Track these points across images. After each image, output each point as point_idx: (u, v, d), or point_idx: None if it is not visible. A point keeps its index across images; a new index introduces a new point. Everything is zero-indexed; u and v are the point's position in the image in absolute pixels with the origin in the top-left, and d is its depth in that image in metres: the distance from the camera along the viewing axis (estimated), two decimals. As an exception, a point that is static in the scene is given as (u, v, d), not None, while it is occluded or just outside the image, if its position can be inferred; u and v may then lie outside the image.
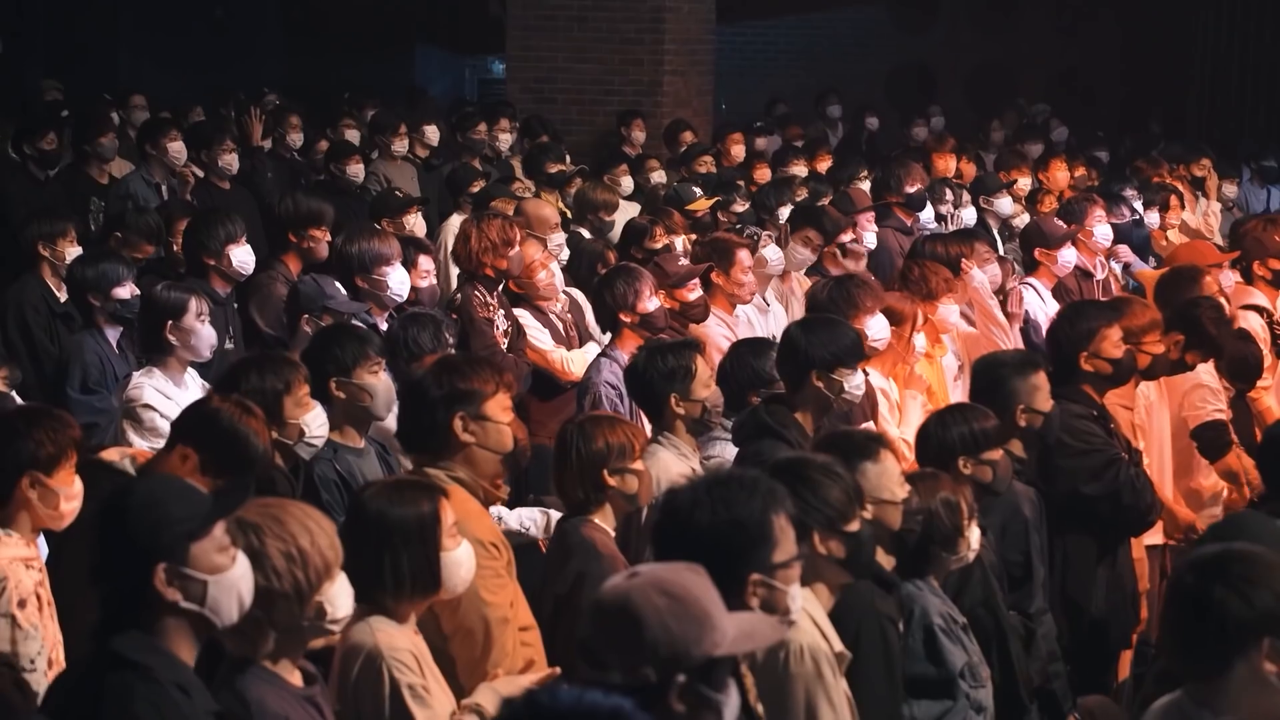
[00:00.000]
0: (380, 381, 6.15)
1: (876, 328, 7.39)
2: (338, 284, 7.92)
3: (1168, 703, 3.80)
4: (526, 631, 5.22)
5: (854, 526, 4.63)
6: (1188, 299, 8.00)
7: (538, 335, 8.53)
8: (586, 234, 10.30)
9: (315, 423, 5.69)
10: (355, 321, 7.39)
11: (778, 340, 6.77)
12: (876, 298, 7.50)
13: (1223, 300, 8.47)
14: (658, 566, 3.51)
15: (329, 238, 8.68)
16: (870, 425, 7.10)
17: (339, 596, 4.11)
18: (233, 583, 3.86)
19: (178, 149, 11.25)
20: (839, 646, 4.59)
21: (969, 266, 8.85)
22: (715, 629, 3.36)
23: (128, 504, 3.88)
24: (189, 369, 6.94)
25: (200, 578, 3.82)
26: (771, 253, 9.28)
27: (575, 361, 8.34)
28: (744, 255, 8.68)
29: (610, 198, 10.96)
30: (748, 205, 10.89)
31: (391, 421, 6.04)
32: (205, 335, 7.02)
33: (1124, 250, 11.06)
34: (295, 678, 4.08)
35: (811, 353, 6.32)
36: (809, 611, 4.52)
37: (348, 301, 7.69)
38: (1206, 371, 7.97)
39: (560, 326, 8.63)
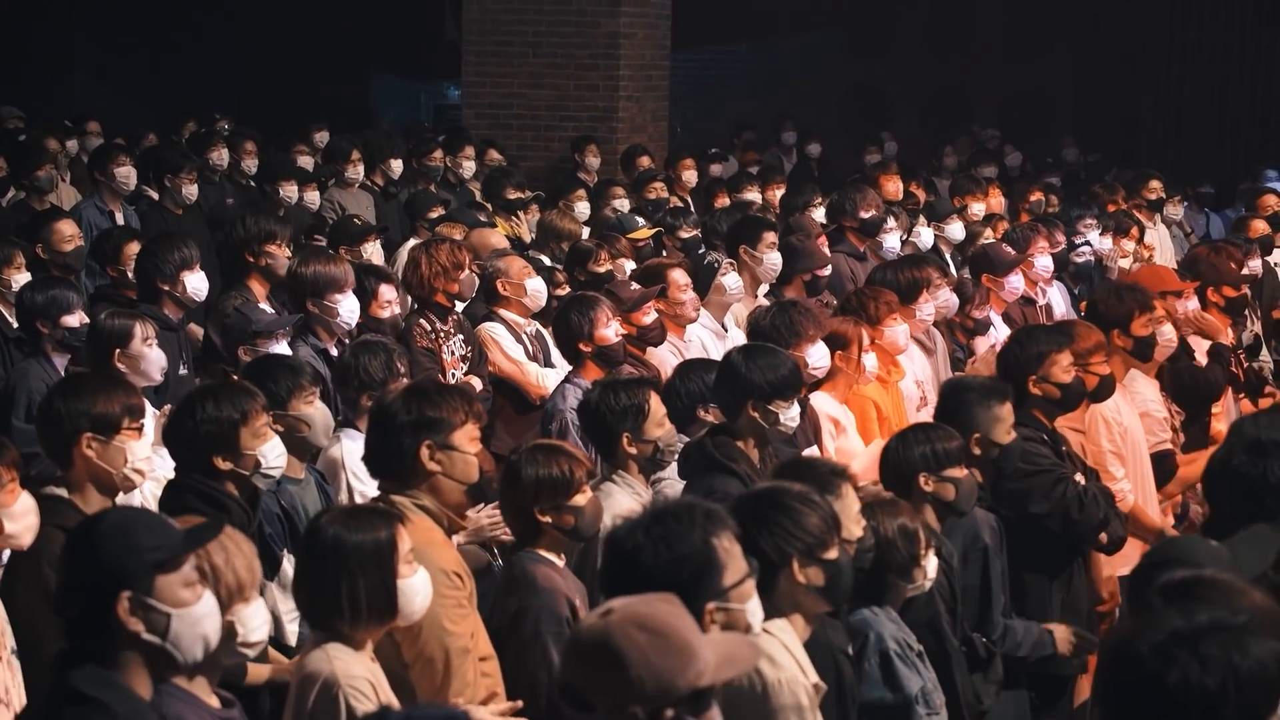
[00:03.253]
0: (316, 410, 6.15)
1: (817, 356, 7.40)
2: (263, 305, 7.89)
3: None
4: (486, 662, 5.18)
5: (832, 554, 4.62)
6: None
7: (511, 347, 8.53)
8: (547, 260, 10.32)
9: (272, 453, 5.63)
10: (285, 349, 7.40)
11: None
12: (818, 325, 7.50)
13: (1168, 325, 8.50)
14: (632, 601, 3.46)
15: (287, 252, 8.69)
16: (814, 451, 7.13)
17: (252, 619, 4.10)
18: (197, 619, 3.82)
19: (125, 174, 11.27)
20: (814, 678, 4.57)
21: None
22: (697, 659, 3.35)
23: (96, 531, 3.86)
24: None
25: (164, 610, 3.79)
26: (731, 281, 9.29)
27: (548, 377, 8.35)
28: (677, 275, 8.70)
29: (576, 228, 10.97)
30: (695, 232, 10.90)
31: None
32: (154, 359, 7.04)
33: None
34: (213, 700, 4.02)
35: (751, 379, 6.28)
36: (786, 643, 4.53)
37: (273, 319, 7.66)
38: (1153, 400, 8.03)
39: (530, 350, 8.64)
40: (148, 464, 5.52)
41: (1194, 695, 3.15)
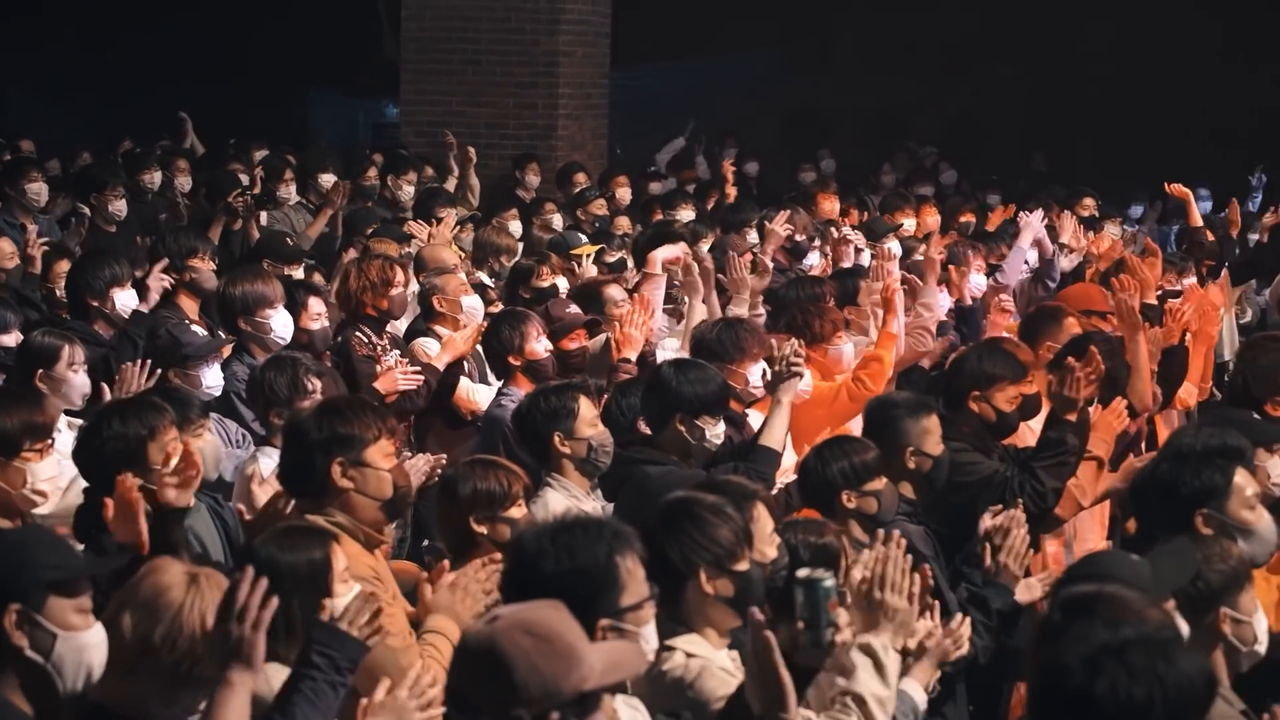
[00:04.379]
0: (206, 443, 6.11)
1: (758, 374, 7.39)
2: (195, 328, 7.87)
3: None
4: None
5: (743, 566, 4.60)
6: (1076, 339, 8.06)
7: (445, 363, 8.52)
8: (485, 278, 10.30)
9: (182, 468, 5.62)
10: (216, 372, 7.36)
11: None
12: (763, 344, 7.50)
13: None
14: (519, 607, 3.51)
15: (212, 265, 8.70)
16: None
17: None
18: (82, 646, 3.78)
19: (36, 189, 11.30)
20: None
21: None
22: (582, 663, 3.39)
23: None
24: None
25: (50, 629, 3.76)
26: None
27: (479, 393, 8.35)
28: (613, 291, 8.80)
29: (511, 243, 10.99)
30: (620, 255, 10.93)
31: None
32: (77, 384, 6.97)
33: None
34: None
35: (680, 392, 6.34)
36: (702, 655, 4.51)
37: (204, 343, 7.63)
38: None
39: (466, 367, 8.63)
40: (51, 484, 5.46)
41: (1121, 705, 3.17)
